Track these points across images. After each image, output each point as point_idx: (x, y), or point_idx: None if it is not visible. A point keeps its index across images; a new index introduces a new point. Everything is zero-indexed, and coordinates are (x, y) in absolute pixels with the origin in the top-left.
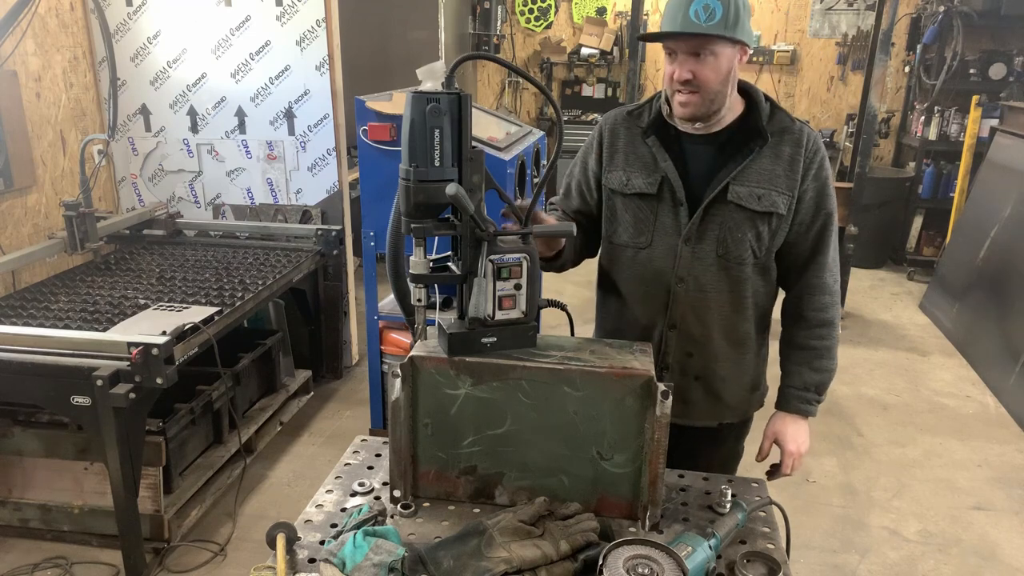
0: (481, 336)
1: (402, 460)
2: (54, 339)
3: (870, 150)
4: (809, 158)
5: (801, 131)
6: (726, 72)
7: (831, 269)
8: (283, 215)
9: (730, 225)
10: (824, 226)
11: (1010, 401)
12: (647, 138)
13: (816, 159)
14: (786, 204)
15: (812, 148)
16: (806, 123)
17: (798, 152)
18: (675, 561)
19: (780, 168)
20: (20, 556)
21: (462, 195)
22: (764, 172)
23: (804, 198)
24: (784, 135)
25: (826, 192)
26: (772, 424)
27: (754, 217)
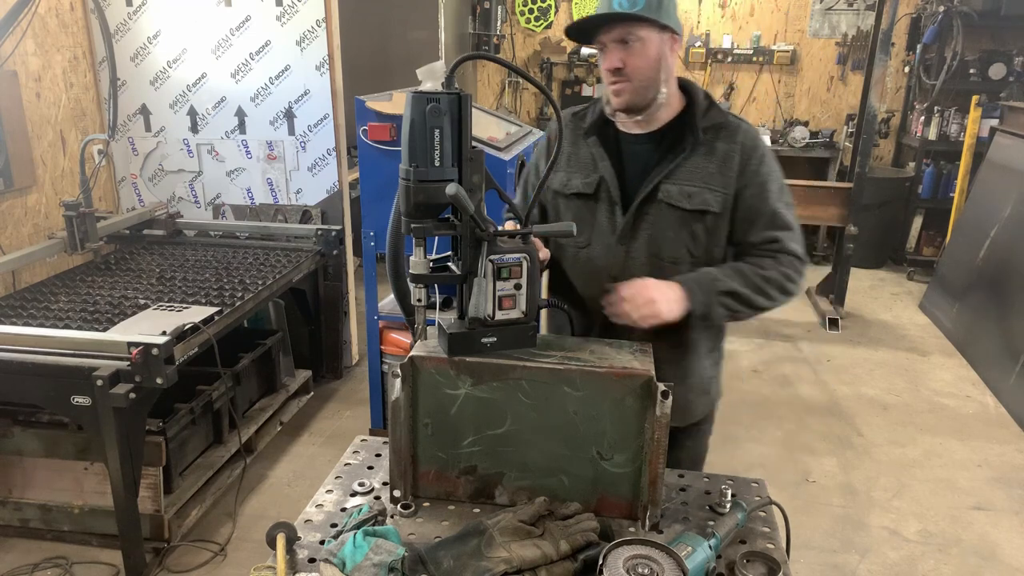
0: (481, 336)
1: (402, 460)
2: (54, 339)
3: (870, 150)
4: (746, 155)
5: (737, 127)
6: (655, 58)
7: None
8: (283, 215)
9: (662, 225)
10: (771, 224)
11: (1010, 401)
12: (588, 138)
13: (754, 156)
14: (720, 202)
15: (749, 145)
16: (743, 120)
17: (732, 149)
18: (675, 561)
19: (714, 165)
20: (20, 556)
21: (462, 195)
22: (697, 170)
23: (743, 196)
24: (719, 132)
25: (767, 189)
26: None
27: (686, 216)
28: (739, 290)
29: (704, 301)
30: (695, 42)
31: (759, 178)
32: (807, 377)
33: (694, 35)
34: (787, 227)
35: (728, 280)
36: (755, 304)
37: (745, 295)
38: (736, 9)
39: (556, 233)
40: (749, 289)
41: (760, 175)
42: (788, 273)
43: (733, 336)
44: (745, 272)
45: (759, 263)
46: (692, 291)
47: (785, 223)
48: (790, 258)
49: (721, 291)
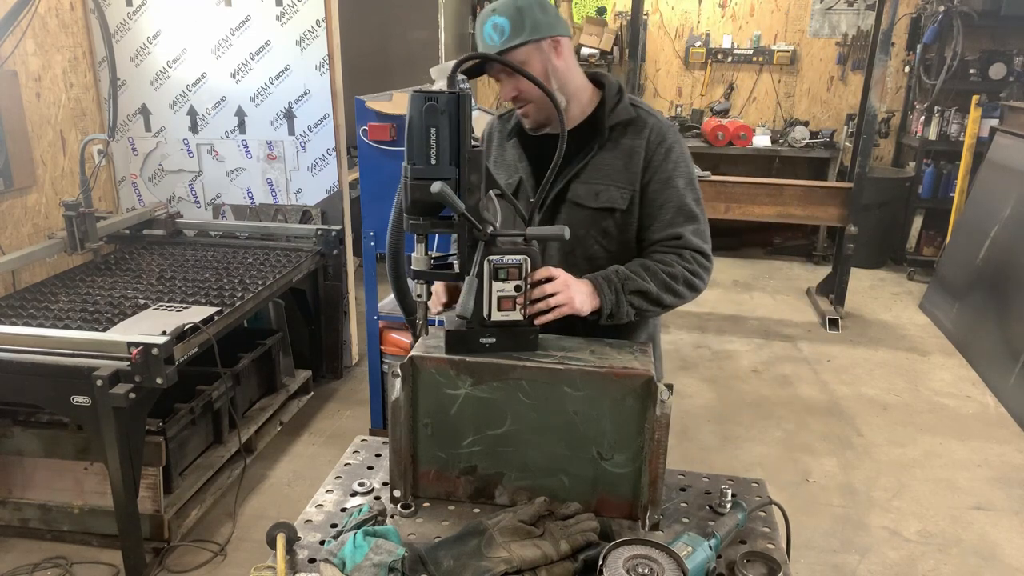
0: (480, 336)
1: (402, 460)
2: (54, 339)
3: (870, 150)
4: (651, 150)
5: (644, 123)
6: (542, 74)
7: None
8: (283, 215)
9: (573, 223)
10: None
11: (1010, 401)
12: (509, 141)
13: (659, 150)
14: (625, 199)
15: (656, 140)
16: (653, 114)
17: (638, 144)
18: (675, 561)
19: (620, 162)
20: (20, 556)
21: (448, 193)
22: (603, 168)
23: (647, 190)
24: (627, 127)
25: (671, 184)
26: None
27: (595, 214)
28: (649, 289)
29: (613, 300)
30: (695, 42)
31: (663, 173)
32: (807, 377)
33: (694, 35)
34: (692, 221)
35: (638, 279)
36: (663, 302)
37: (654, 294)
38: (736, 9)
39: (550, 237)
40: (658, 287)
41: (664, 170)
42: (695, 270)
43: (733, 336)
44: (653, 270)
45: (665, 260)
46: (602, 288)
47: (689, 217)
48: (694, 254)
49: (632, 290)
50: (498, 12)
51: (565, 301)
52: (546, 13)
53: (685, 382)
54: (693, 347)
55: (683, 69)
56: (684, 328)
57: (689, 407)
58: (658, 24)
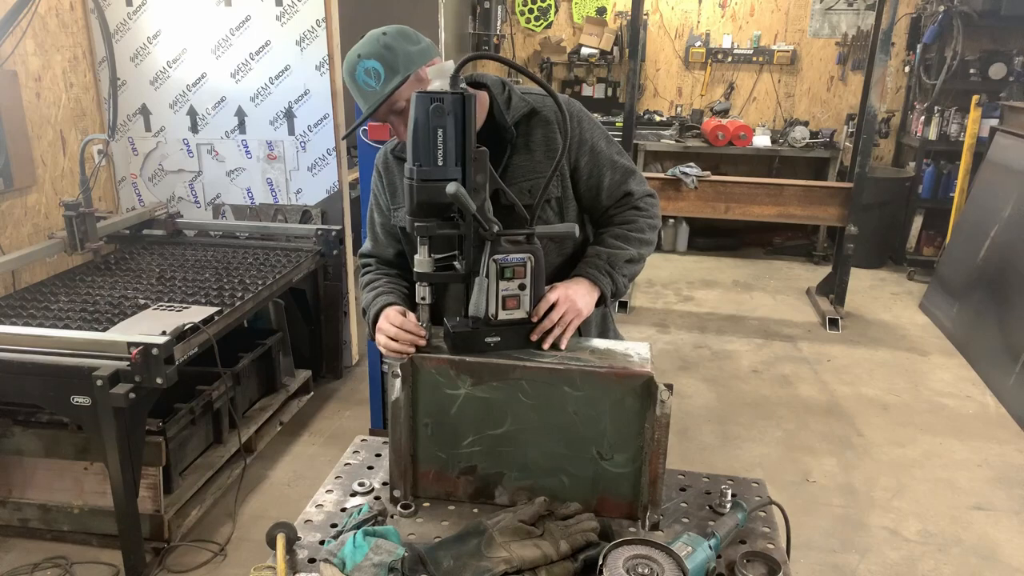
0: (484, 336)
1: (402, 460)
2: (54, 339)
3: (870, 150)
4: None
5: (542, 107)
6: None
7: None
8: (283, 215)
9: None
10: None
11: (1010, 401)
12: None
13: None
14: (559, 185)
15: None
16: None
17: (550, 130)
18: (675, 561)
19: (539, 154)
20: (20, 556)
21: (462, 194)
22: (525, 165)
23: (579, 168)
24: (530, 119)
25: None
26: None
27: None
28: (632, 255)
29: (611, 283)
30: (695, 42)
31: (585, 145)
32: (807, 377)
33: (694, 35)
34: (630, 173)
35: (620, 251)
36: (644, 257)
37: (636, 256)
38: (736, 9)
39: (558, 235)
40: (637, 248)
41: (585, 141)
42: (652, 214)
43: (733, 336)
44: (624, 235)
45: (626, 219)
46: (595, 278)
47: (626, 171)
48: (644, 200)
49: (620, 264)
50: (365, 56)
51: (574, 316)
52: (412, 42)
53: (685, 382)
54: (693, 347)
55: (683, 69)
56: (684, 328)
57: (689, 407)
58: (658, 24)
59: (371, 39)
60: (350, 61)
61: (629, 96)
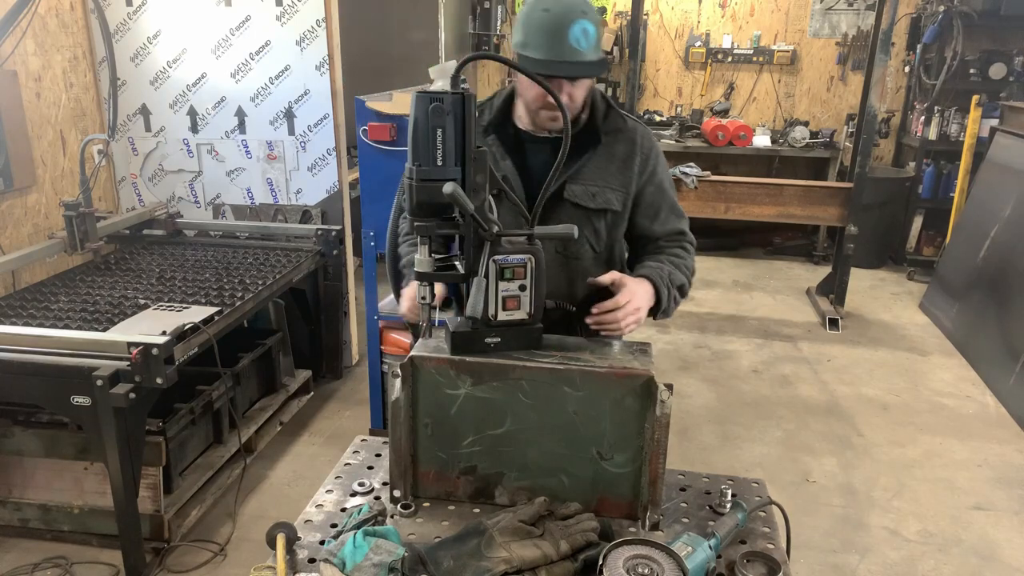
0: (485, 336)
1: (402, 460)
2: (54, 339)
3: (870, 150)
4: (644, 156)
5: (635, 130)
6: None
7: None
8: (283, 215)
9: (567, 222)
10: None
11: (1010, 401)
12: (487, 137)
13: (651, 156)
14: (620, 201)
15: (647, 147)
16: (639, 122)
17: (632, 151)
18: (675, 561)
19: (614, 166)
20: (20, 556)
21: (459, 194)
22: (598, 170)
23: (644, 194)
24: (618, 135)
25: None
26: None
27: (590, 214)
28: (684, 284)
29: (668, 295)
30: (695, 42)
31: (656, 177)
32: (807, 377)
33: (694, 35)
34: (682, 217)
35: (677, 273)
36: (685, 293)
37: (686, 287)
38: (736, 9)
39: (557, 236)
40: (686, 279)
41: (657, 174)
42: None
43: (733, 336)
44: (679, 264)
45: (679, 255)
46: (660, 286)
47: (681, 212)
48: (690, 245)
49: (676, 285)
50: (589, 18)
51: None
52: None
53: (685, 382)
54: (693, 347)
55: (683, 69)
56: (684, 328)
57: (689, 407)
58: (658, 24)
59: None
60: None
61: (629, 96)
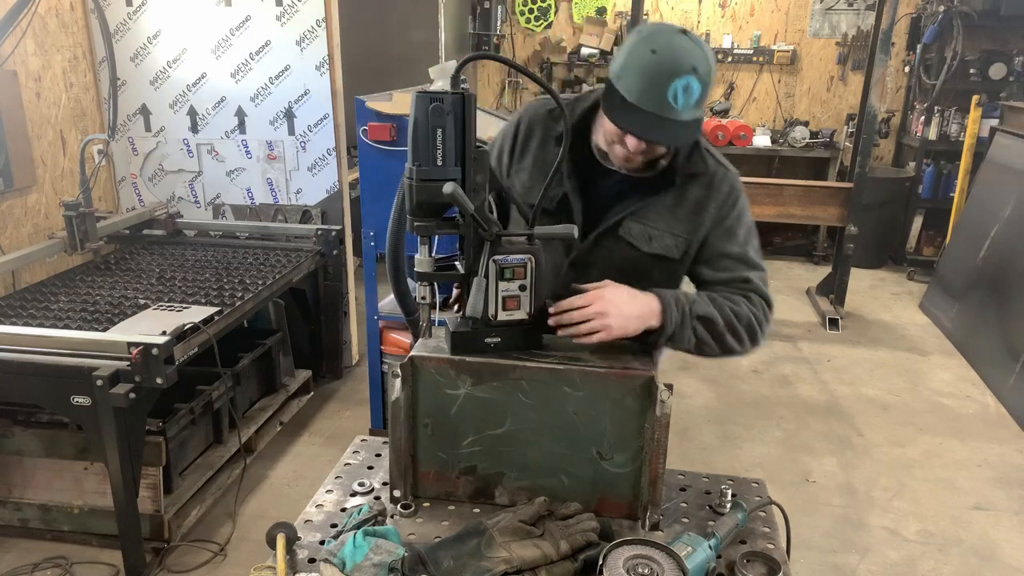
0: (485, 336)
1: (402, 460)
2: (54, 339)
3: (870, 150)
4: (720, 203)
5: (714, 174)
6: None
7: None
8: (283, 215)
9: (617, 259)
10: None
11: (1010, 401)
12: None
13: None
14: (680, 249)
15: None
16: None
17: (708, 196)
18: (675, 561)
19: (682, 211)
20: (20, 556)
21: (459, 194)
22: (664, 213)
23: (709, 240)
24: (696, 177)
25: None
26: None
27: (643, 258)
28: (715, 318)
29: (679, 320)
30: None
31: (727, 223)
32: (807, 377)
33: None
34: (758, 268)
35: (705, 305)
36: (724, 340)
37: (719, 327)
38: (736, 9)
39: (558, 236)
40: (723, 321)
41: (729, 219)
42: (759, 317)
43: None
44: (720, 303)
45: (732, 299)
46: (669, 306)
47: (755, 265)
48: (761, 300)
49: (698, 315)
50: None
51: (600, 327)
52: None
53: (685, 382)
54: None
55: None
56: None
57: (689, 407)
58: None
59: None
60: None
61: None
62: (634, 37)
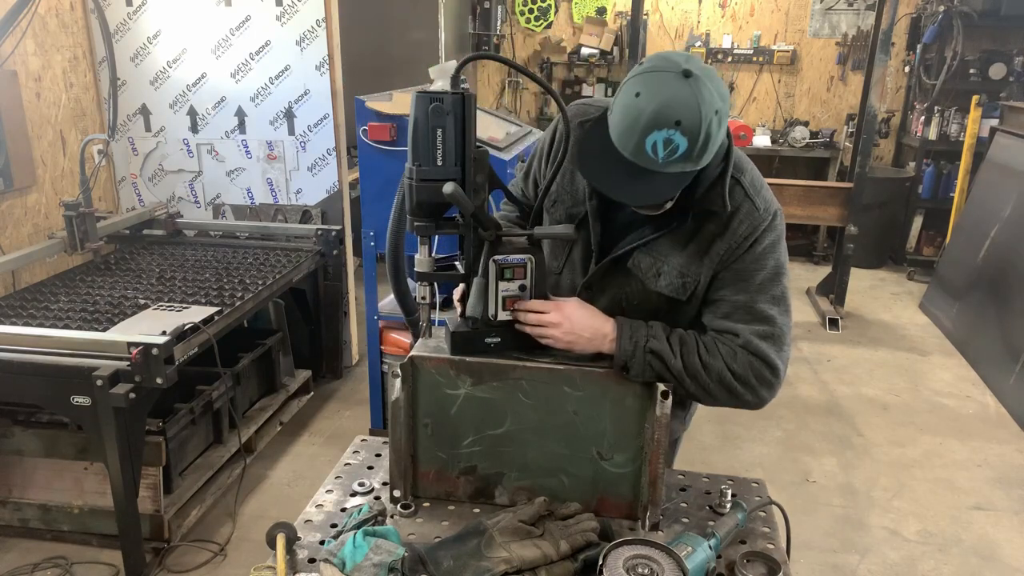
0: (485, 336)
1: (402, 460)
2: (54, 339)
3: (870, 150)
4: (736, 242)
5: (734, 213)
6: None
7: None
8: (283, 215)
9: (627, 290)
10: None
11: (1010, 401)
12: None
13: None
14: (688, 290)
15: (743, 234)
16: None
17: (720, 236)
18: (675, 561)
19: (694, 248)
20: (20, 556)
21: (459, 194)
22: (676, 248)
23: (716, 280)
24: (715, 214)
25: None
26: None
27: (649, 294)
28: (667, 356)
29: (630, 350)
30: (695, 42)
31: (740, 264)
32: (807, 377)
33: (694, 35)
34: (764, 322)
35: (661, 343)
36: (683, 384)
37: (674, 367)
38: (736, 9)
39: (557, 236)
40: (682, 364)
41: (744, 261)
42: (743, 376)
43: None
44: (691, 346)
45: (710, 346)
46: (623, 335)
47: (763, 317)
48: (752, 359)
49: (651, 349)
50: (683, 128)
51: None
52: (723, 128)
53: None
54: None
55: None
56: None
57: None
58: (658, 24)
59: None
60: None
61: None
62: (635, 69)
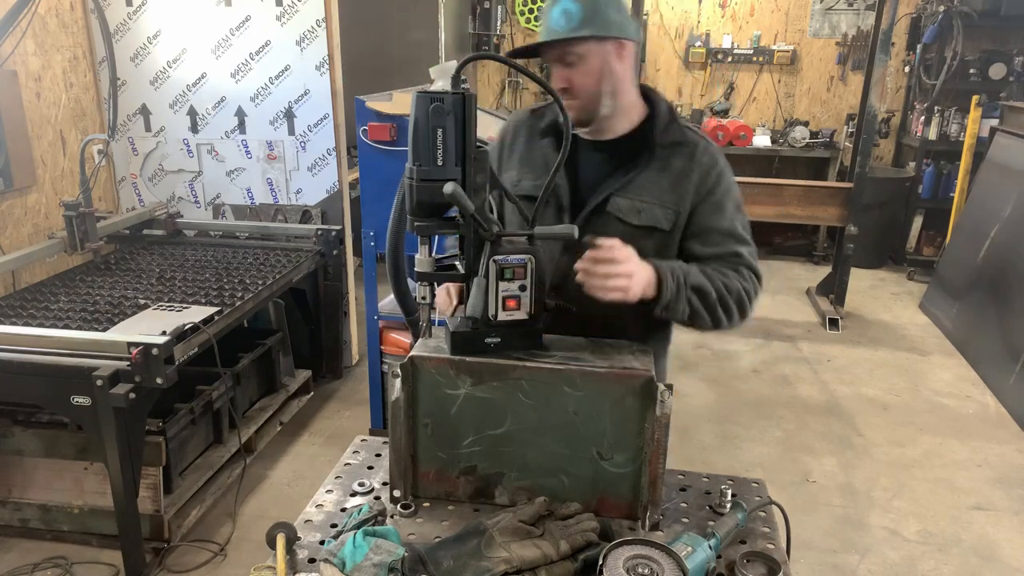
0: (485, 336)
1: (402, 460)
2: (54, 339)
3: (870, 150)
4: (703, 174)
5: (695, 145)
6: (598, 72)
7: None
8: (283, 215)
9: (612, 236)
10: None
11: (1010, 401)
12: (543, 139)
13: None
14: (670, 220)
15: (707, 163)
16: (703, 137)
17: (689, 167)
18: (675, 561)
19: (666, 181)
20: (20, 556)
21: (460, 194)
22: (649, 185)
23: (697, 213)
24: (677, 148)
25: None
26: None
27: (634, 232)
28: (708, 290)
29: (675, 290)
30: (695, 42)
31: (714, 196)
32: (807, 377)
33: (694, 35)
34: (746, 243)
35: (699, 276)
36: (715, 313)
37: (711, 298)
38: (736, 9)
39: (557, 236)
40: (715, 293)
41: (716, 194)
42: (748, 290)
43: (733, 336)
44: (712, 275)
45: (723, 272)
46: (665, 276)
47: (744, 239)
48: (751, 274)
49: (692, 285)
50: None
51: (624, 287)
52: (620, 13)
53: (685, 382)
54: (693, 347)
55: (683, 69)
56: (684, 328)
57: (689, 407)
58: (658, 24)
59: None
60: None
61: None
62: None
